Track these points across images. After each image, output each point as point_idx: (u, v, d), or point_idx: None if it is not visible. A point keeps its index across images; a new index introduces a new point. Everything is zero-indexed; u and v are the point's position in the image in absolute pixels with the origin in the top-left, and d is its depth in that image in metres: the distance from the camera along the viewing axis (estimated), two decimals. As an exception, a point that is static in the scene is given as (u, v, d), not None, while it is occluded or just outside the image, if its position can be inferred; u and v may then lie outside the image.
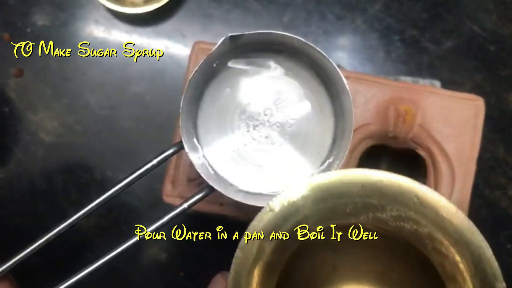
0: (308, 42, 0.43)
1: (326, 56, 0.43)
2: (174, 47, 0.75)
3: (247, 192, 0.46)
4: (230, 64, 0.47)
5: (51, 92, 0.74)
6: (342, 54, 0.76)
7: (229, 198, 0.55)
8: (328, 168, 0.45)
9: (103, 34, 0.75)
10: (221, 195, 0.55)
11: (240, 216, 0.55)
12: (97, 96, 0.74)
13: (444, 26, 0.76)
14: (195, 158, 0.43)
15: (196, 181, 0.54)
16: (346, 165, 0.55)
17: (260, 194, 0.46)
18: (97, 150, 0.74)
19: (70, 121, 0.74)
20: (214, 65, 0.46)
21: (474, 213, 0.72)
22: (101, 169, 0.74)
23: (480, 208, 0.73)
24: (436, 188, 0.55)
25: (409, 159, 0.67)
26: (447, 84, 0.72)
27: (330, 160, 0.45)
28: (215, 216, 0.56)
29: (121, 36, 0.75)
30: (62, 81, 0.74)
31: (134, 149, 0.74)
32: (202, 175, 0.42)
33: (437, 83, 0.70)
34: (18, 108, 0.73)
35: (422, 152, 0.56)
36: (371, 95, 0.55)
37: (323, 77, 0.46)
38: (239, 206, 0.55)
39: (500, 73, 0.75)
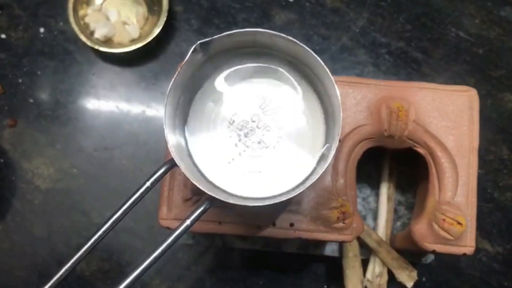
0: (284, 35, 0.42)
1: (302, 44, 0.42)
2: (164, 84, 0.75)
3: (248, 198, 0.45)
4: (208, 78, 0.47)
5: (45, 139, 0.74)
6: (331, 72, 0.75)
7: (228, 215, 0.54)
8: (326, 153, 0.43)
9: (94, 77, 0.75)
10: (220, 212, 0.54)
11: (238, 232, 0.53)
12: (91, 139, 0.74)
13: (430, 35, 0.76)
14: (189, 172, 0.42)
15: (192, 199, 0.53)
16: (345, 171, 0.53)
17: (262, 198, 0.45)
18: (94, 192, 0.73)
19: (65, 165, 0.73)
20: (195, 81, 0.46)
21: (486, 219, 0.70)
22: (99, 211, 0.72)
23: (492, 212, 0.70)
24: (440, 185, 0.54)
25: (411, 162, 0.66)
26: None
27: (327, 145, 0.44)
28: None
29: (111, 79, 0.75)
30: (56, 127, 0.74)
31: (132, 188, 0.72)
32: (200, 186, 0.40)
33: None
34: (12, 157, 0.73)
35: (420, 150, 0.55)
36: (361, 97, 0.55)
37: (303, 70, 0.46)
38: (239, 223, 0.54)
39: (492, 74, 0.75)
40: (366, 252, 0.65)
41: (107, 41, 0.74)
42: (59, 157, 0.73)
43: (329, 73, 0.42)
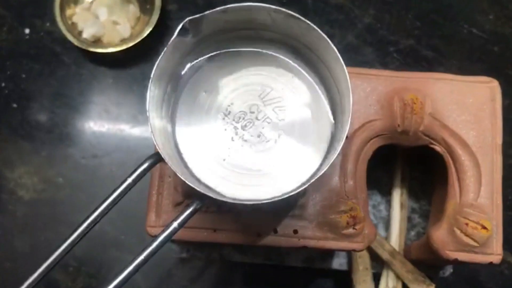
0: (284, 10, 0.37)
1: (305, 20, 0.37)
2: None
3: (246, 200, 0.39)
4: (200, 65, 0.42)
5: (29, 146, 0.68)
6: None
7: (223, 222, 0.48)
8: (333, 150, 0.38)
9: (82, 80, 0.71)
10: (214, 217, 0.48)
11: (235, 240, 0.47)
12: (79, 145, 0.68)
13: (441, 32, 0.71)
14: (176, 167, 0.36)
15: (183, 204, 0.47)
16: (354, 172, 0.48)
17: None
18: (81, 202, 0.67)
19: (51, 174, 0.68)
20: (184, 67, 0.41)
21: (508, 229, 0.64)
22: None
23: (515, 221, 0.65)
24: (460, 185, 0.48)
25: (424, 166, 0.60)
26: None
27: (337, 136, 0.39)
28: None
29: (101, 81, 0.71)
30: (41, 133, 0.69)
31: (123, 199, 0.67)
32: (188, 181, 0.35)
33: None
34: (-6, 166, 0.68)
35: (438, 147, 0.49)
36: (371, 89, 0.49)
37: (307, 56, 0.41)
38: (236, 231, 0.48)
39: (509, 73, 0.70)
40: (378, 265, 0.59)
41: (96, 41, 0.69)
42: (44, 165, 0.68)
43: (337, 52, 0.37)
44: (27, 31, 0.72)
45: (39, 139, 0.69)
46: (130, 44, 0.67)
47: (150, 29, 0.68)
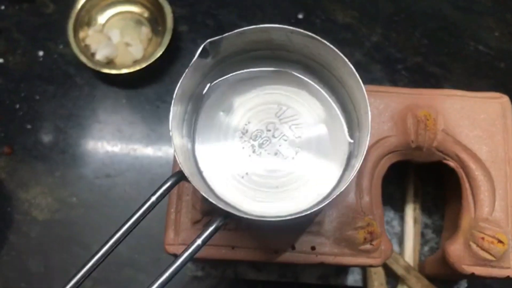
0: (301, 30, 0.38)
1: (322, 40, 0.38)
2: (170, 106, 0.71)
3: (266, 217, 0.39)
4: (218, 86, 0.43)
5: (43, 166, 0.69)
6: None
7: (241, 239, 0.49)
8: (351, 167, 0.38)
9: (95, 100, 0.72)
10: (232, 235, 0.48)
11: (253, 257, 0.48)
12: (92, 165, 0.69)
13: (448, 49, 0.72)
14: (198, 183, 0.37)
15: (202, 221, 0.48)
16: (370, 188, 0.49)
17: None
18: (95, 222, 0.67)
19: (64, 194, 0.68)
20: (204, 88, 0.42)
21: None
22: (101, 243, 0.66)
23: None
24: (475, 200, 0.48)
25: (436, 182, 0.61)
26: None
27: (355, 153, 0.39)
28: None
29: (114, 101, 0.72)
30: (54, 154, 0.70)
31: (136, 217, 0.68)
32: (211, 199, 0.35)
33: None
34: (8, 187, 0.68)
35: (451, 163, 0.50)
36: (384, 106, 0.50)
37: (323, 75, 0.42)
38: (254, 248, 0.48)
39: (516, 88, 0.70)
40: (393, 281, 0.59)
41: (109, 63, 0.70)
42: (57, 186, 0.69)
43: (354, 70, 0.38)
44: (40, 53, 0.73)
45: (53, 160, 0.69)
46: (143, 65, 0.68)
47: (162, 50, 0.69)
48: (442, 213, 0.61)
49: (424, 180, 0.62)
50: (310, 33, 0.38)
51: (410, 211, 0.60)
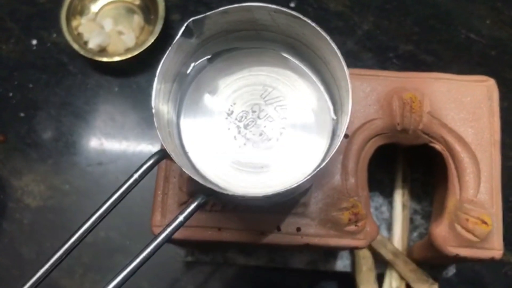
0: (284, 9, 0.39)
1: (305, 18, 0.38)
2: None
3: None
4: (203, 67, 0.43)
5: (36, 154, 0.70)
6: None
7: (228, 220, 0.49)
8: (333, 146, 0.38)
9: (88, 89, 0.72)
10: (219, 216, 0.49)
11: (239, 239, 0.48)
12: (84, 153, 0.70)
13: (439, 37, 0.72)
14: (181, 161, 0.37)
15: (188, 203, 0.48)
16: (355, 170, 0.49)
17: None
18: (87, 209, 0.66)
19: (57, 182, 0.69)
20: (188, 67, 0.42)
21: (510, 230, 0.64)
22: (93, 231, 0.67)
23: (517, 222, 0.65)
24: (460, 182, 0.49)
25: (425, 168, 0.61)
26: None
27: (339, 124, 0.40)
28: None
29: (106, 90, 0.72)
30: (47, 142, 0.70)
31: (127, 205, 0.68)
32: (194, 176, 0.36)
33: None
34: (1, 175, 0.69)
35: (437, 145, 0.50)
36: (370, 89, 0.50)
37: (308, 55, 0.42)
38: (240, 229, 0.49)
39: (507, 76, 0.71)
40: (382, 266, 0.59)
41: (102, 51, 0.71)
42: (50, 173, 0.69)
43: (336, 49, 0.38)
44: (34, 42, 0.74)
45: (46, 148, 0.70)
46: (135, 53, 0.68)
47: (154, 38, 0.69)
48: (431, 200, 0.61)
49: (413, 166, 0.62)
50: (293, 12, 0.39)
51: (399, 197, 0.61)
